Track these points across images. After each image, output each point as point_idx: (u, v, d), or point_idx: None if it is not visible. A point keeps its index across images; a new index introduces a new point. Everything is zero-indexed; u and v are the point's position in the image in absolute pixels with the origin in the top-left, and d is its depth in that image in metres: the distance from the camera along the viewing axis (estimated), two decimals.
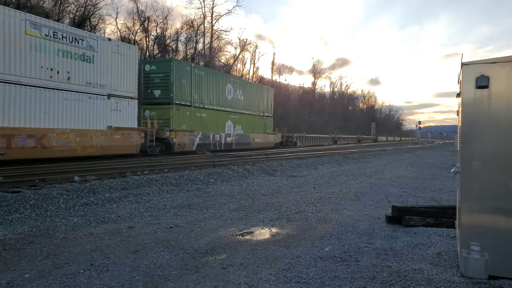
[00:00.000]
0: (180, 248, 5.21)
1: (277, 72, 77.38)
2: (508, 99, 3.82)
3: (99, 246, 5.30)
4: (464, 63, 4.03)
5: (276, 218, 7.11)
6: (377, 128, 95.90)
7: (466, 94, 4.01)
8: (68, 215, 7.49)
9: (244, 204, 8.56)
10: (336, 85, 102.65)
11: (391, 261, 4.60)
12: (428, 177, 14.92)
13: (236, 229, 6.33)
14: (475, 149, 3.98)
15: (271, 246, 5.30)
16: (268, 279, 4.05)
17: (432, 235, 5.69)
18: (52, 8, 34.12)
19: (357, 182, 12.90)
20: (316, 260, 4.65)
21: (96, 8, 37.93)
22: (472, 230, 3.98)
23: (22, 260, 4.73)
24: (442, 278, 3.97)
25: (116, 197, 9.20)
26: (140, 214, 7.59)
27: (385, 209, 7.69)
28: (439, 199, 9.13)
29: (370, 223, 6.67)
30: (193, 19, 52.95)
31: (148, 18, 46.01)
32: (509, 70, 3.80)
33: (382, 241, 5.48)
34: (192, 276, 4.16)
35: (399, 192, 10.68)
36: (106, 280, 4.03)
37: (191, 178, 12.47)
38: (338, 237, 5.71)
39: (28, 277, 4.13)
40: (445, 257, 4.69)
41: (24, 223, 6.79)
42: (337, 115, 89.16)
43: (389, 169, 17.99)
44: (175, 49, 50.15)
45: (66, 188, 9.51)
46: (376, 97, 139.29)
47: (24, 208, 7.76)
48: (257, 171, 15.47)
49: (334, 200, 9.13)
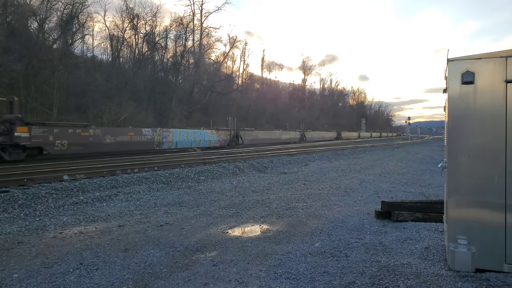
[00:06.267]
0: (171, 246, 5.20)
1: (267, 69, 77.42)
2: (493, 95, 3.88)
3: (89, 245, 5.27)
4: (450, 59, 4.07)
5: (266, 215, 7.13)
6: (367, 124, 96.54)
7: (452, 90, 4.06)
8: (57, 214, 7.42)
9: (234, 201, 8.57)
10: (326, 82, 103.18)
11: (380, 256, 4.64)
12: (417, 173, 15.08)
13: (226, 226, 6.34)
14: (461, 144, 4.03)
15: (261, 242, 5.32)
16: (258, 276, 4.06)
17: (421, 229, 5.76)
18: (40, 6, 33.59)
19: (347, 178, 12.99)
20: (306, 256, 4.68)
21: (84, 5, 37.39)
22: (459, 224, 4.04)
23: (11, 260, 4.68)
24: (430, 272, 4.03)
25: (106, 196, 9.15)
26: (130, 213, 7.55)
27: (375, 205, 7.76)
28: (428, 194, 9.22)
29: (360, 218, 6.73)
30: (182, 17, 52.73)
31: (137, 15, 45.58)
32: (494, 66, 3.86)
33: (371, 236, 5.53)
34: (182, 273, 4.16)
35: (389, 187, 10.78)
36: (96, 279, 4.01)
37: (182, 176, 12.44)
38: (328, 233, 5.75)
39: (17, 277, 4.09)
40: (433, 251, 4.75)
41: (13, 223, 6.72)
42: (327, 112, 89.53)
43: (379, 165, 18.14)
44: (164, 47, 49.83)
45: (55, 187, 9.42)
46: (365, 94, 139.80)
47: (12, 207, 7.67)
48: (248, 168, 15.49)
49: (324, 196, 9.18)
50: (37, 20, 34.19)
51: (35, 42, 32.11)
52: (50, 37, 35.69)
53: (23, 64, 28.47)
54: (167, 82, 47.64)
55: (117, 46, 44.35)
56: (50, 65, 32.22)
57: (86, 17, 39.31)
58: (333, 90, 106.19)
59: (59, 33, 35.65)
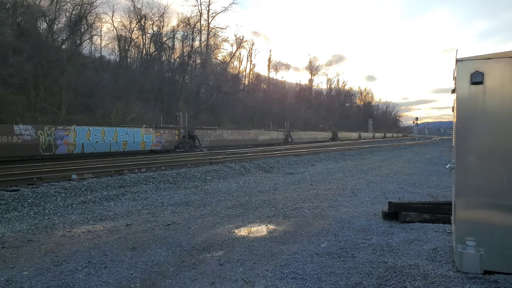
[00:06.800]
0: (178, 245, 5.23)
1: (273, 69, 77.30)
2: (502, 95, 3.84)
3: (97, 244, 5.31)
4: (459, 59, 4.04)
5: (273, 215, 7.14)
6: (374, 124, 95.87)
7: (460, 90, 4.03)
8: (66, 213, 7.49)
9: (241, 201, 8.58)
10: (333, 82, 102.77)
11: (387, 256, 4.62)
12: (425, 173, 14.98)
13: (233, 226, 6.35)
14: (470, 145, 4.00)
15: (268, 242, 5.33)
16: (265, 275, 4.07)
17: (428, 230, 5.73)
18: (49, 7, 33.91)
19: (354, 178, 12.94)
20: (313, 256, 4.68)
21: (92, 6, 37.64)
22: (467, 226, 4.01)
23: (21, 258, 4.74)
24: (437, 273, 4.00)
25: (114, 195, 9.21)
26: (137, 212, 7.60)
27: (382, 205, 7.72)
28: (436, 195, 9.16)
29: (366, 219, 6.70)
30: (189, 17, 52.88)
31: (145, 16, 45.81)
32: (504, 66, 3.82)
33: (378, 237, 5.51)
34: (189, 272, 4.18)
35: (396, 188, 10.72)
36: (104, 277, 4.05)
37: (188, 176, 12.48)
38: (335, 234, 5.73)
39: (26, 274, 4.15)
40: (441, 252, 4.72)
41: (23, 221, 6.80)
42: (334, 112, 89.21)
43: (386, 166, 18.04)
44: (171, 47, 50.03)
45: (64, 186, 9.52)
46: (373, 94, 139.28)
47: (22, 206, 7.76)
48: (254, 168, 15.50)
49: (331, 196, 9.16)
50: (46, 21, 34.51)
51: (44, 42, 32.40)
52: (59, 38, 36.02)
53: (33, 64, 28.77)
54: (174, 82, 47.86)
55: (125, 46, 44.61)
56: (58, 66, 32.53)
57: (94, 18, 39.63)
58: (340, 90, 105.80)
59: (68, 33, 35.97)
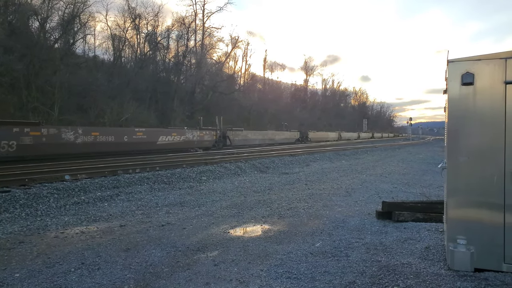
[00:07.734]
0: (172, 245, 5.23)
1: (269, 69, 77.34)
2: (492, 96, 3.89)
3: (91, 245, 5.29)
4: (450, 60, 4.09)
5: (267, 215, 7.15)
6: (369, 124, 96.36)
7: (452, 91, 4.07)
8: (59, 214, 7.46)
9: (236, 202, 8.59)
10: (328, 82, 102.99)
11: (381, 255, 4.66)
12: (418, 173, 15.07)
13: (228, 226, 6.36)
14: (461, 145, 4.05)
15: (262, 242, 5.34)
16: (259, 275, 4.08)
17: (421, 229, 5.78)
18: (41, 5, 33.63)
19: (349, 178, 12.99)
20: (307, 256, 4.70)
21: (85, 5, 37.38)
22: (458, 224, 4.06)
23: (12, 260, 4.71)
24: (429, 272, 4.04)
25: (108, 196, 9.18)
26: (131, 213, 7.58)
27: (376, 205, 7.77)
28: (429, 195, 9.22)
29: (360, 218, 6.74)
30: (184, 16, 52.71)
31: (139, 15, 45.63)
32: (493, 67, 3.87)
33: (372, 236, 5.55)
34: (183, 273, 4.18)
35: (390, 188, 10.78)
36: (97, 279, 4.04)
37: (183, 176, 12.46)
38: (329, 233, 5.76)
39: (18, 277, 4.12)
40: (433, 251, 4.77)
41: (14, 223, 6.76)
42: (329, 112, 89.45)
43: (380, 165, 18.13)
44: (166, 47, 49.86)
45: (57, 187, 9.46)
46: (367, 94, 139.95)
47: (14, 207, 7.71)
48: (249, 169, 15.50)
49: (326, 196, 9.19)
50: (38, 19, 34.20)
51: (36, 41, 32.13)
52: (51, 37, 35.70)
53: (24, 63, 28.53)
54: (169, 82, 47.67)
55: (119, 46, 44.38)
56: (51, 65, 32.27)
57: (87, 17, 39.35)
58: (335, 90, 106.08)
59: (61, 32, 35.67)
